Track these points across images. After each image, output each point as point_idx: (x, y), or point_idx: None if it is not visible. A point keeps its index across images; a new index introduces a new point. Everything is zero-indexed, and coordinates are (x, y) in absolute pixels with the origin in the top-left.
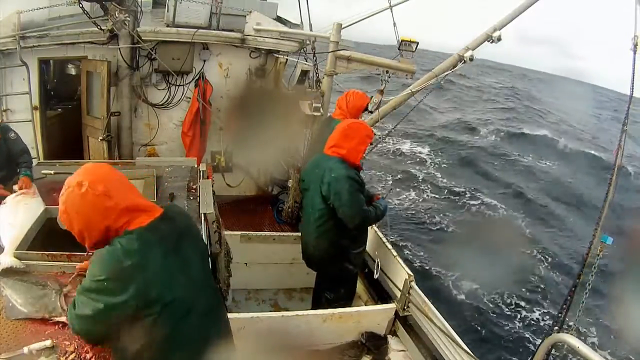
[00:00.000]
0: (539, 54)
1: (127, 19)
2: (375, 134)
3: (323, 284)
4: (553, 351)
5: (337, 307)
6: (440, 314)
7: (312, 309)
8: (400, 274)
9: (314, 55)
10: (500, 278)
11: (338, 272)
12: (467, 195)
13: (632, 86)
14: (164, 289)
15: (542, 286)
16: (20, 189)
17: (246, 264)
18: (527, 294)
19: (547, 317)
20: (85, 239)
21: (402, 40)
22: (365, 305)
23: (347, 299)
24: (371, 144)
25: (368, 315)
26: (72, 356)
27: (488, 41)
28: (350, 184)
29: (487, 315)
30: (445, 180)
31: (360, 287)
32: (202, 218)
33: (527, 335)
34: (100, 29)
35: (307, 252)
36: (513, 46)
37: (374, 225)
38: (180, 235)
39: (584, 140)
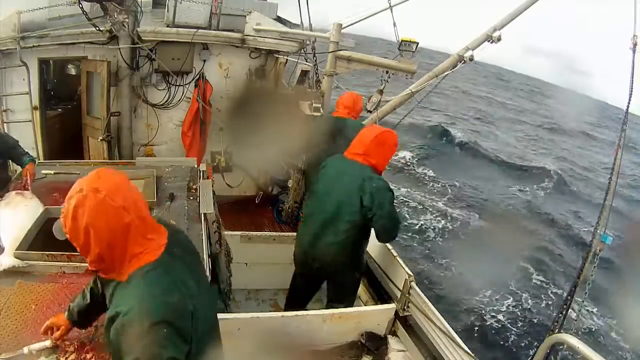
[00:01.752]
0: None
1: (126, 19)
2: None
3: (329, 294)
4: (553, 351)
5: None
6: (440, 314)
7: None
8: (400, 274)
9: (314, 56)
10: (500, 278)
11: (350, 282)
12: (467, 196)
13: (632, 85)
14: (203, 312)
15: (542, 286)
16: (26, 175)
17: (246, 264)
18: (527, 293)
19: (547, 317)
20: (90, 251)
21: (402, 41)
22: (365, 305)
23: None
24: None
25: (368, 315)
26: (72, 356)
27: (488, 41)
28: (390, 195)
29: (487, 315)
30: (446, 182)
31: (360, 287)
32: (202, 218)
33: (527, 335)
34: (99, 29)
35: (321, 261)
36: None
37: None
38: (186, 253)
39: None
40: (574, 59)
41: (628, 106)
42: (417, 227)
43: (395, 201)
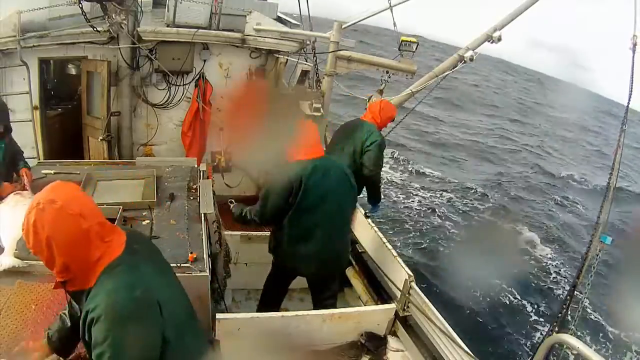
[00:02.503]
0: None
1: (124, 20)
2: None
3: (329, 292)
4: (553, 351)
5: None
6: (440, 314)
7: None
8: (400, 274)
9: (314, 56)
10: (500, 278)
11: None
12: (468, 196)
13: (632, 85)
14: (169, 304)
15: (542, 286)
16: (23, 176)
17: (246, 264)
18: (527, 294)
19: (547, 317)
20: (55, 262)
21: (402, 41)
22: (365, 305)
23: None
24: None
25: (368, 315)
26: (71, 357)
27: (488, 41)
28: None
29: (487, 316)
30: (446, 180)
31: (360, 287)
32: (202, 218)
33: (527, 336)
34: (97, 30)
35: (335, 261)
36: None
37: (374, 226)
38: (147, 248)
39: None
40: (576, 55)
41: (628, 106)
42: (417, 227)
43: None
